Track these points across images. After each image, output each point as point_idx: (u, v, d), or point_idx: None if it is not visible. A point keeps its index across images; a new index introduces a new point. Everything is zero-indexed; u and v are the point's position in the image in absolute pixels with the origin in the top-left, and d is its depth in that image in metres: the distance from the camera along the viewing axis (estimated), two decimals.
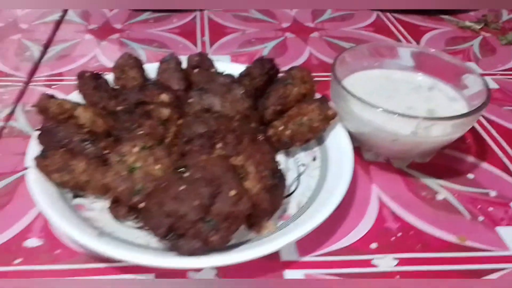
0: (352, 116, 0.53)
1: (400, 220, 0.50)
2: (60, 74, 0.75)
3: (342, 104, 0.53)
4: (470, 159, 0.59)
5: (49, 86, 0.71)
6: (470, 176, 0.56)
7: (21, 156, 0.57)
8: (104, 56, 0.80)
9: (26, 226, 0.48)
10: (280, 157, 0.55)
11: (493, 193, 0.54)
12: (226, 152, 0.48)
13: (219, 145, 0.49)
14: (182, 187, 0.43)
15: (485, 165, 0.58)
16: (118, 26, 0.92)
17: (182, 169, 0.45)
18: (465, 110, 0.53)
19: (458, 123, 0.49)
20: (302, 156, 0.57)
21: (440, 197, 0.53)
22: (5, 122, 0.63)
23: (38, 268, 0.44)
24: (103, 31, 0.89)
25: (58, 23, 0.92)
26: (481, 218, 0.50)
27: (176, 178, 0.44)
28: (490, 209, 0.51)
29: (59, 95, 0.56)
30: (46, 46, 0.83)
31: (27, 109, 0.66)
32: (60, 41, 0.85)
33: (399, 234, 0.48)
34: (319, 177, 0.53)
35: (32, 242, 0.47)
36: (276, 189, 0.47)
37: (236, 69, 0.64)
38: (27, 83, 0.72)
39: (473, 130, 0.64)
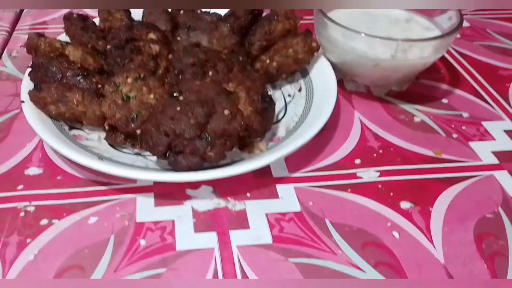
0: (335, 45, 0.55)
1: (381, 139, 0.53)
2: (44, 23, 0.75)
3: (326, 34, 0.56)
4: (444, 86, 0.63)
5: None
6: (444, 101, 0.60)
7: (11, 97, 0.59)
8: None
9: (25, 157, 0.50)
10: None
11: (465, 115, 0.58)
12: (218, 79, 0.51)
13: (210, 73, 0.51)
14: (178, 108, 0.45)
15: (457, 91, 0.62)
16: None
17: (176, 94, 0.47)
18: None
19: (434, 44, 0.52)
20: (288, 88, 0.60)
21: (417, 119, 0.57)
22: None
23: (41, 192, 0.46)
24: None
25: None
26: (455, 135, 0.54)
27: (172, 102, 0.46)
28: (463, 127, 0.56)
29: None
30: None
31: (14, 55, 0.66)
32: None
33: (381, 151, 0.52)
34: (305, 105, 0.55)
35: (33, 170, 0.48)
36: (266, 111, 0.49)
37: (220, 11, 0.65)
38: (10, 32, 0.72)
39: (446, 62, 0.68)
